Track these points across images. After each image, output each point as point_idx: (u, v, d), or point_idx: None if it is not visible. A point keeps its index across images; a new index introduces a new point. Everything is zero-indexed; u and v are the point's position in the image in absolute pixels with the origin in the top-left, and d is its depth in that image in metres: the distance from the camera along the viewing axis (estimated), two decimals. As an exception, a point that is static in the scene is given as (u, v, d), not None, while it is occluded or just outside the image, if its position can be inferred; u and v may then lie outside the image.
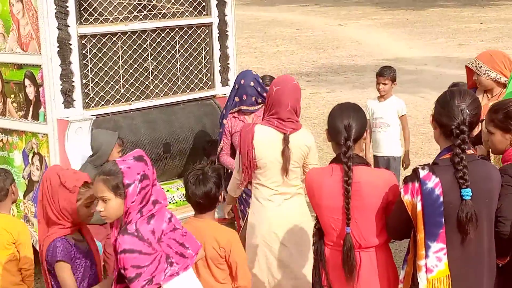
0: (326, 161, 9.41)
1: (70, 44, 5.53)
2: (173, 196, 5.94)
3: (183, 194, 5.88)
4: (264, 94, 5.53)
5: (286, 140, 4.62)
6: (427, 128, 11.22)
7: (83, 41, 5.63)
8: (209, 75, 6.44)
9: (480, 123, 3.47)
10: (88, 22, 5.64)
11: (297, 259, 4.69)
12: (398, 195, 3.52)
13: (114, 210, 3.46)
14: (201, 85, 6.38)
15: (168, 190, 5.98)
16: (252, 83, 5.61)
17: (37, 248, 5.73)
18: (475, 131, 3.43)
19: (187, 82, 6.29)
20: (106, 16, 5.73)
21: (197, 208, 4.05)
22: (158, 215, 3.50)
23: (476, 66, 5.51)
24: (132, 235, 3.40)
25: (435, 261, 3.29)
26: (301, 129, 4.75)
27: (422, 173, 3.31)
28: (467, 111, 3.32)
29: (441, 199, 3.26)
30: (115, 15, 5.78)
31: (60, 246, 3.85)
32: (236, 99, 5.63)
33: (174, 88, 6.23)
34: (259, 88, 5.63)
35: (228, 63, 6.53)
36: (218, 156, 5.74)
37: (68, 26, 5.49)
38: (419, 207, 3.30)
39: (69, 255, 3.86)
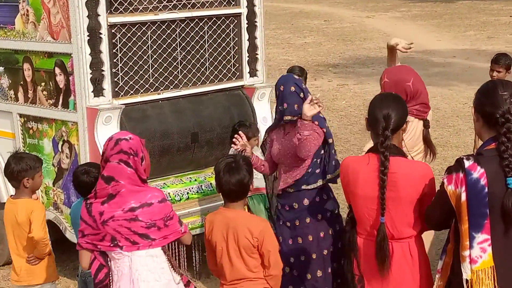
0: (353, 153, 9.40)
1: (100, 33, 5.55)
2: (201, 186, 5.96)
3: (211, 183, 5.92)
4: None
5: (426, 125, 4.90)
6: (456, 121, 11.16)
7: (113, 31, 5.65)
8: (238, 65, 6.44)
9: None
10: (118, 11, 5.66)
11: None
12: (434, 188, 3.49)
13: None
14: (229, 75, 6.39)
15: (195, 180, 6.00)
16: (292, 88, 4.97)
17: (70, 237, 5.80)
18: None
19: (216, 72, 6.30)
20: (135, 5, 5.75)
21: (229, 196, 4.07)
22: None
23: None
24: None
25: (479, 252, 3.26)
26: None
27: (467, 163, 3.27)
28: (511, 100, 3.29)
29: (486, 189, 3.23)
30: (145, 5, 5.80)
31: None
32: (280, 107, 5.04)
33: (203, 78, 6.24)
34: (301, 94, 4.96)
35: (257, 54, 6.53)
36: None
37: (99, 15, 5.52)
38: (463, 197, 3.26)
39: None
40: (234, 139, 5.05)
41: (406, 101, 4.64)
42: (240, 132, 5.19)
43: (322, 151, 4.94)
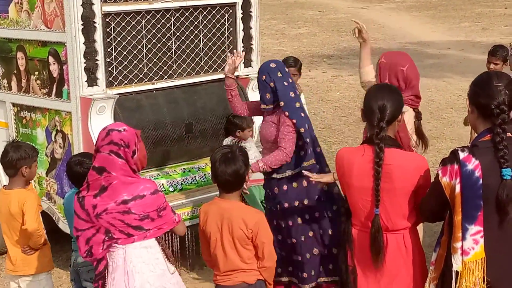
0: (347, 144, 9.39)
1: (95, 22, 5.52)
2: (195, 177, 5.94)
3: (205, 174, 5.90)
4: (278, 92, 4.97)
5: (419, 117, 4.86)
6: (450, 112, 11.15)
7: (107, 19, 5.62)
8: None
9: None
10: (112, 0, 5.63)
11: None
12: (429, 179, 3.48)
13: None
14: (224, 65, 6.35)
15: (189, 171, 5.99)
16: (264, 77, 5.04)
17: (63, 228, 5.78)
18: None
19: (210, 62, 6.27)
20: (130, -6, 5.72)
21: (224, 187, 4.06)
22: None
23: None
24: None
25: (471, 243, 3.26)
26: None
27: (462, 155, 3.27)
28: (506, 91, 3.29)
29: (481, 181, 3.23)
30: (139, -6, 5.77)
31: None
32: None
33: (197, 68, 6.21)
34: (272, 84, 5.00)
35: (252, 44, 6.50)
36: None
37: (93, 4, 5.48)
38: (457, 189, 3.27)
39: None
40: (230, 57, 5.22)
41: (399, 88, 4.66)
42: (236, 51, 5.35)
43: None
